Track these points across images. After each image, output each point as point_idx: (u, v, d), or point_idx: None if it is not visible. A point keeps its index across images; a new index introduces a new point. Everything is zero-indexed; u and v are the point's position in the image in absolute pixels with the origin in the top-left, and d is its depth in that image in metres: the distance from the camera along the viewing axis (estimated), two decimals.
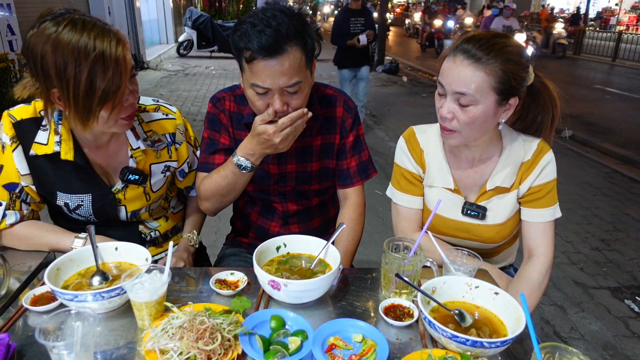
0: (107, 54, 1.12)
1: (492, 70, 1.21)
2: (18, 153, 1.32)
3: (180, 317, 1.00)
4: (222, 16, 18.93)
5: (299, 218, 1.65)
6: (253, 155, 1.37)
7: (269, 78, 1.25)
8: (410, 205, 1.52)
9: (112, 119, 1.23)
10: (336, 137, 1.56)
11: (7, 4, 5.88)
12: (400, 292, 1.19)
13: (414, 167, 1.50)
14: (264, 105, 1.31)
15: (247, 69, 1.28)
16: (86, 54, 1.10)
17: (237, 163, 1.38)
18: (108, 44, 1.13)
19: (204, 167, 1.54)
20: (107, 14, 9.98)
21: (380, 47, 12.06)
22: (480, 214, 1.43)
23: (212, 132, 1.53)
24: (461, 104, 1.25)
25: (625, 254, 3.55)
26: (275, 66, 1.24)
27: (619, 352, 2.49)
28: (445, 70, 1.28)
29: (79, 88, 1.12)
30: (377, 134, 6.54)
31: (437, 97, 1.34)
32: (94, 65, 1.11)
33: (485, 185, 1.42)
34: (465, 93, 1.23)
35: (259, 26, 1.23)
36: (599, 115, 7.78)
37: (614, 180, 5.10)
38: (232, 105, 1.52)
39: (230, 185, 1.44)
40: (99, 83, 1.13)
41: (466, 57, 1.23)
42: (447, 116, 1.28)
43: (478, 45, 1.22)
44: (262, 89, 1.27)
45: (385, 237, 1.24)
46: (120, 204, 1.45)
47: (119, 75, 1.15)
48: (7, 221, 1.36)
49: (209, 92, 8.81)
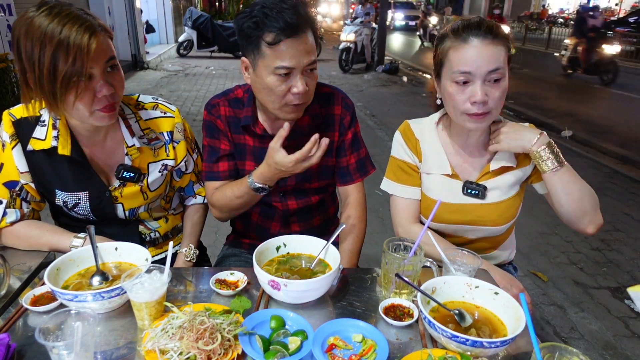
0: (72, 40, 1.13)
1: (502, 42, 1.30)
2: (17, 150, 1.33)
3: (180, 317, 1.00)
4: (222, 16, 18.92)
5: (300, 217, 1.65)
6: (270, 180, 1.39)
7: (295, 57, 1.28)
8: (406, 195, 1.53)
9: (85, 109, 1.22)
10: (335, 134, 1.56)
11: (7, 4, 5.88)
12: (400, 292, 1.19)
13: (410, 157, 1.52)
14: (285, 91, 1.32)
15: (268, 54, 1.28)
16: (51, 38, 1.13)
17: (254, 188, 1.40)
18: (75, 31, 1.14)
19: (210, 175, 1.55)
20: (107, 14, 9.98)
21: (380, 47, 12.06)
22: (480, 193, 1.45)
23: (212, 140, 1.53)
24: (494, 82, 1.31)
25: (625, 254, 3.55)
26: (300, 44, 1.28)
27: (619, 352, 2.49)
28: (465, 57, 1.29)
29: (43, 72, 1.15)
30: (377, 134, 6.53)
31: (457, 90, 1.32)
32: (56, 50, 1.13)
33: (489, 166, 1.45)
34: (499, 68, 1.29)
35: (275, 9, 1.26)
36: (599, 115, 7.78)
37: (613, 180, 5.10)
38: (227, 110, 1.52)
39: (245, 202, 1.48)
40: (61, 67, 1.14)
41: (483, 38, 1.29)
42: (485, 99, 1.30)
43: (484, 27, 1.30)
44: (286, 69, 1.29)
45: (385, 237, 1.24)
46: (117, 201, 1.45)
47: (82, 61, 1.15)
48: (7, 219, 1.36)
49: (209, 92, 8.81)
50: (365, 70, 12.04)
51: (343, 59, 11.42)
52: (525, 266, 3.28)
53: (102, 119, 1.27)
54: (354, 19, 12.08)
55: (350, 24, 11.89)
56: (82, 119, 1.27)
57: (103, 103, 1.24)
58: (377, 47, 12.04)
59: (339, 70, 11.60)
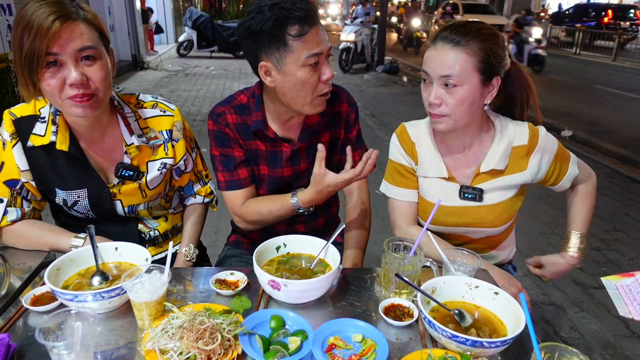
0: (35, 20, 1.14)
1: (472, 51, 1.28)
2: (18, 149, 1.33)
3: (180, 317, 1.00)
4: (222, 16, 18.94)
5: (305, 218, 1.64)
6: (318, 202, 1.43)
7: (321, 42, 1.31)
8: (403, 198, 1.54)
9: (56, 95, 1.21)
10: (341, 131, 1.58)
11: (7, 4, 5.89)
12: (400, 292, 1.19)
13: (406, 160, 1.52)
14: (317, 81, 1.34)
15: (296, 47, 1.29)
16: (23, 20, 1.15)
17: (298, 211, 1.44)
18: (43, 13, 1.15)
19: (232, 184, 1.53)
20: (107, 14, 9.99)
21: (380, 48, 12.06)
22: (477, 196, 1.45)
23: (224, 149, 1.51)
24: (448, 88, 1.30)
25: (625, 254, 3.55)
26: (321, 30, 1.32)
27: (619, 352, 2.49)
28: (428, 58, 1.34)
29: (15, 52, 1.18)
30: (377, 134, 6.53)
31: (423, 87, 1.39)
32: (23, 30, 1.15)
33: (479, 167, 1.45)
34: (451, 75, 1.28)
35: (288, 1, 1.28)
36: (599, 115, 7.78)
37: (613, 180, 5.10)
38: (233, 117, 1.49)
39: (283, 219, 1.53)
40: (25, 47, 1.15)
41: (446, 42, 1.30)
42: (435, 102, 1.33)
43: (456, 31, 1.30)
44: (316, 57, 1.31)
45: (385, 237, 1.24)
46: (116, 198, 1.45)
47: (41, 41, 1.14)
48: (8, 218, 1.37)
49: (209, 92, 8.82)
50: (365, 70, 12.04)
51: (343, 59, 11.42)
52: (525, 266, 3.27)
53: (75, 108, 1.23)
54: (354, 19, 12.09)
55: (350, 24, 11.89)
56: (59, 107, 1.28)
57: (74, 91, 1.21)
58: (377, 47, 12.04)
59: (339, 70, 11.59)
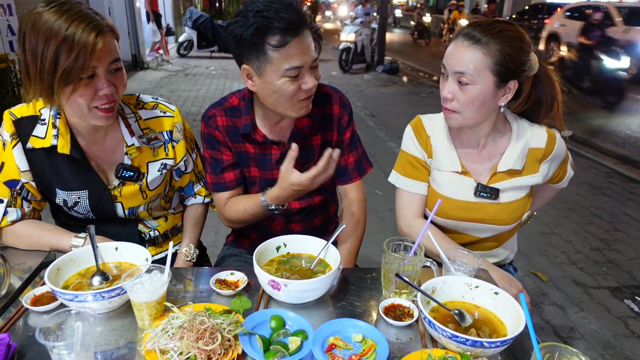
0: (77, 37, 1.14)
1: (489, 51, 1.28)
2: (18, 149, 1.33)
3: (180, 317, 1.00)
4: (222, 16, 18.93)
5: (302, 217, 1.65)
6: (286, 200, 1.40)
7: (303, 55, 1.27)
8: (412, 189, 1.54)
9: (84, 104, 1.22)
10: (333, 134, 1.57)
11: (7, 4, 5.88)
12: (400, 292, 1.19)
13: (420, 153, 1.53)
14: (296, 90, 1.31)
15: (275, 57, 1.26)
16: (57, 33, 1.14)
17: (268, 208, 1.42)
18: (82, 29, 1.14)
19: (218, 187, 1.55)
20: (107, 14, 9.99)
21: (380, 47, 12.06)
22: (494, 196, 1.46)
23: (213, 152, 1.53)
24: (461, 85, 1.32)
25: (625, 254, 3.55)
26: (305, 41, 1.27)
27: (619, 352, 2.50)
28: (448, 53, 1.36)
29: (45, 65, 1.16)
30: (377, 134, 6.53)
31: (441, 81, 1.41)
32: (61, 45, 1.14)
33: (497, 167, 1.46)
34: (464, 72, 1.30)
35: (272, 10, 1.23)
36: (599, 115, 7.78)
37: (613, 180, 5.10)
38: (224, 120, 1.50)
39: (258, 217, 1.51)
40: (62, 62, 1.15)
41: (466, 39, 1.31)
42: (447, 96, 1.35)
43: (479, 29, 1.30)
44: (296, 70, 1.27)
45: (385, 237, 1.24)
46: (117, 200, 1.45)
47: (85, 59, 1.15)
48: (8, 218, 1.37)
49: (209, 92, 8.81)
50: (365, 71, 12.03)
51: (343, 59, 11.42)
52: (525, 266, 3.28)
53: (100, 118, 1.27)
54: (354, 19, 12.09)
55: (350, 24, 11.89)
56: (80, 116, 1.28)
57: (102, 100, 1.24)
58: (377, 47, 12.04)
59: (339, 71, 11.59)
